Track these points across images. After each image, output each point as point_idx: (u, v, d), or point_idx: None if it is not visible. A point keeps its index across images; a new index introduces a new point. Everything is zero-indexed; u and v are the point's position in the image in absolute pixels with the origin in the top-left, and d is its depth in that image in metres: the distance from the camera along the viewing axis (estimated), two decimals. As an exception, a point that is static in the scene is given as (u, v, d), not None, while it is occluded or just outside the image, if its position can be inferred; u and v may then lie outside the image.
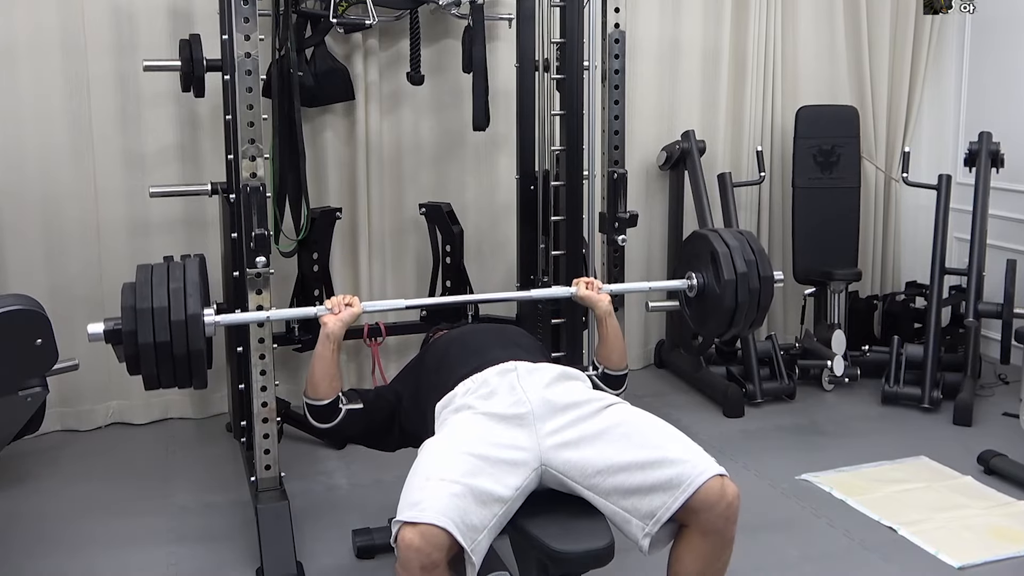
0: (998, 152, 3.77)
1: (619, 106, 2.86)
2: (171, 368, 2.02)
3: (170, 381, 2.05)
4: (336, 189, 3.60)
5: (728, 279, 2.35)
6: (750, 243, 2.43)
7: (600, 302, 2.38)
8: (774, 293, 2.43)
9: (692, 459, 1.84)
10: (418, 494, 1.75)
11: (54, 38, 3.22)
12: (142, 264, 2.12)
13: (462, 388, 2.05)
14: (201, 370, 2.07)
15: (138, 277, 2.06)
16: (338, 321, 2.20)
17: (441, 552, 1.69)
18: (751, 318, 2.42)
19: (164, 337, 1.99)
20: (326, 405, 2.20)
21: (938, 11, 4.25)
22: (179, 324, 2.00)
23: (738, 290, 2.35)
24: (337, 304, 2.23)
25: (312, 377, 2.20)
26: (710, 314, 2.44)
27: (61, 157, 3.29)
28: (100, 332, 2.03)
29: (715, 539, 1.84)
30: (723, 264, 2.36)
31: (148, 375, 2.02)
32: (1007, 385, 3.94)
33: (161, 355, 1.99)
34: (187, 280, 2.05)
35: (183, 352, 2.01)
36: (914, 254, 4.51)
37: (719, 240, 2.41)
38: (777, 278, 2.42)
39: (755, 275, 2.37)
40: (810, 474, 3.08)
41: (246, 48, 2.44)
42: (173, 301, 2.01)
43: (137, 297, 2.01)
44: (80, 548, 2.63)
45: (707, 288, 2.44)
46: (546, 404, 1.95)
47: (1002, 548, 2.60)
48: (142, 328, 1.98)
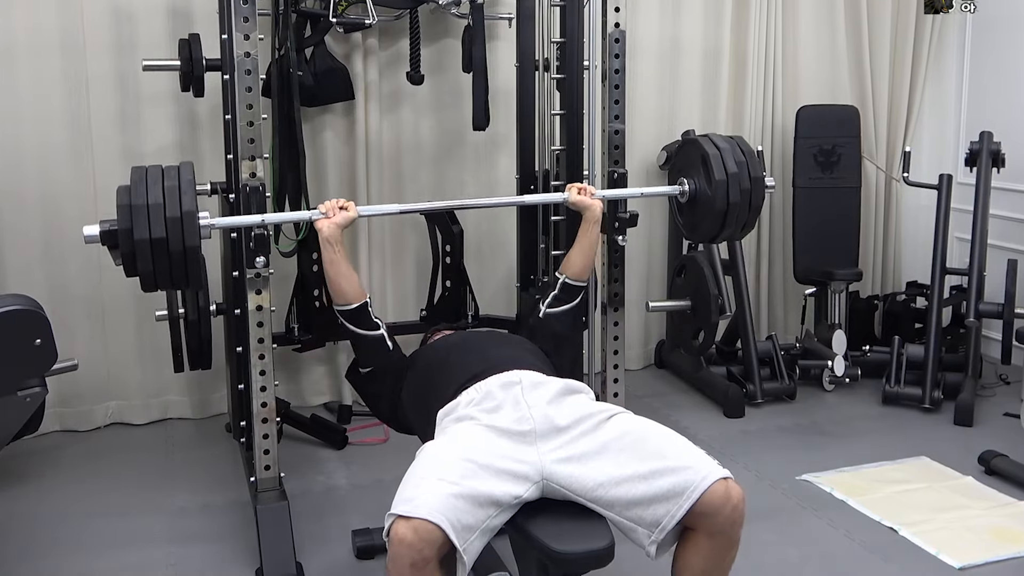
0: (999, 152, 3.77)
1: (619, 106, 2.85)
2: (167, 265, 2.03)
3: (166, 280, 2.06)
4: (336, 189, 3.59)
5: (719, 180, 2.40)
6: (740, 146, 2.48)
7: (593, 206, 2.45)
8: (765, 195, 2.48)
9: (695, 465, 1.83)
10: (413, 491, 1.75)
11: (53, 38, 3.22)
12: (136, 166, 2.12)
13: (465, 398, 2.04)
14: (196, 269, 2.08)
15: (132, 177, 2.07)
16: (332, 224, 2.25)
17: (433, 549, 1.68)
18: (743, 219, 2.47)
19: (160, 233, 2.00)
20: (357, 308, 2.25)
21: (939, 10, 4.24)
22: (174, 220, 2.01)
23: (729, 190, 2.41)
24: (331, 208, 2.28)
25: (331, 283, 2.26)
26: (702, 218, 2.49)
27: (60, 157, 3.29)
28: (96, 233, 2.05)
29: (721, 541, 1.84)
30: (714, 166, 2.41)
31: (144, 273, 2.03)
32: (1008, 385, 3.93)
33: (157, 252, 2.00)
34: (182, 179, 2.07)
35: (179, 248, 2.02)
36: (915, 254, 4.51)
37: (709, 143, 2.47)
38: (768, 183, 2.48)
39: (746, 175, 2.43)
40: (811, 474, 3.08)
41: (245, 47, 2.44)
42: (168, 198, 2.03)
43: (132, 195, 2.02)
44: (79, 548, 2.63)
45: (699, 192, 2.50)
46: (549, 422, 1.94)
47: (1003, 549, 2.60)
48: (138, 225, 1.99)
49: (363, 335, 2.28)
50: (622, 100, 2.86)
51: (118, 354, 3.46)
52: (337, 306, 2.27)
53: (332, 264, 2.25)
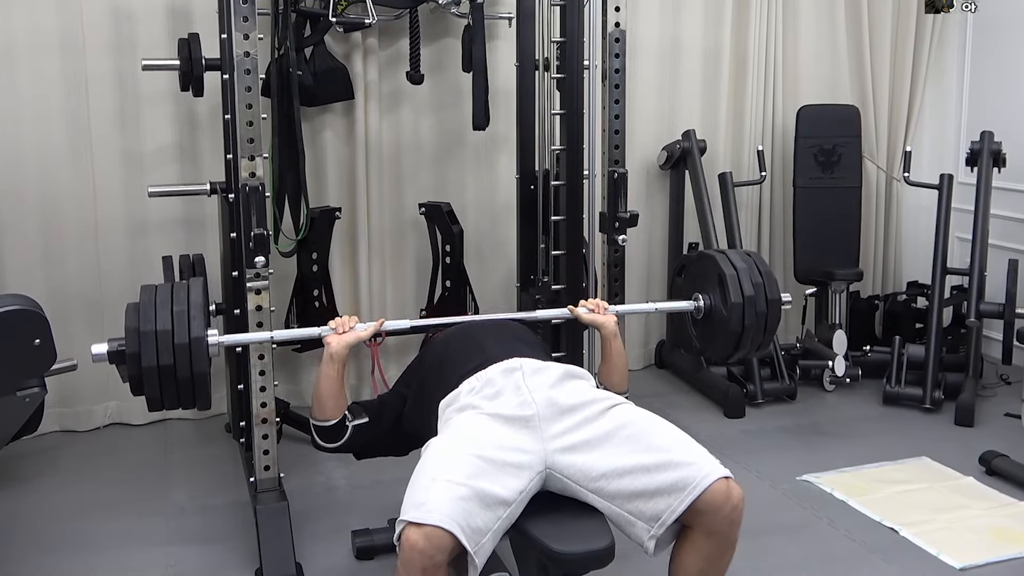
0: (1000, 152, 3.76)
1: (619, 105, 2.85)
2: (174, 390, 2.02)
3: (173, 403, 2.05)
4: (335, 189, 3.59)
5: (735, 302, 2.33)
6: (757, 265, 2.41)
7: (607, 323, 2.35)
8: (781, 316, 2.41)
9: (698, 461, 1.83)
10: (423, 495, 1.74)
11: (52, 37, 3.22)
12: (146, 284, 2.11)
13: (466, 387, 2.03)
14: (204, 392, 2.06)
15: (142, 298, 2.05)
16: (343, 342, 2.18)
17: (444, 554, 1.68)
18: (758, 341, 2.40)
19: (168, 360, 1.98)
20: (333, 425, 2.18)
21: (940, 10, 4.24)
22: (183, 347, 1.99)
23: (745, 313, 2.33)
24: (341, 324, 2.22)
25: (318, 398, 2.18)
26: (717, 336, 2.43)
27: (59, 157, 3.28)
28: (104, 353, 2.03)
29: (719, 540, 1.84)
30: (730, 287, 2.34)
31: (151, 397, 2.02)
32: (1009, 385, 3.92)
33: (164, 378, 1.99)
34: (191, 302, 2.04)
35: (186, 375, 2.00)
36: (915, 254, 4.51)
37: (726, 262, 2.39)
38: (784, 300, 2.41)
39: (762, 298, 2.35)
40: (811, 475, 3.07)
41: (245, 47, 2.44)
42: (177, 324, 2.00)
43: (141, 319, 2.00)
44: (78, 549, 2.62)
45: (714, 310, 2.43)
46: (552, 405, 1.94)
47: (1004, 549, 2.60)
48: (145, 351, 1.98)
49: (333, 448, 2.21)
50: (622, 100, 2.86)
51: (118, 354, 3.45)
52: (314, 419, 2.20)
53: (328, 380, 2.16)
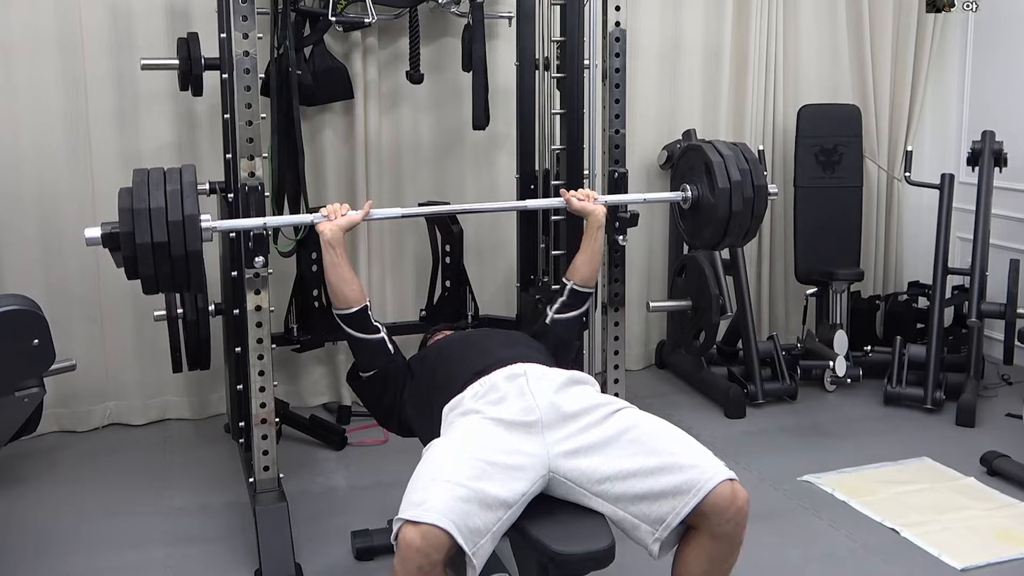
0: (1001, 151, 3.75)
1: (620, 105, 2.84)
2: (169, 269, 2.03)
3: (168, 283, 2.06)
4: (335, 188, 3.58)
5: (722, 187, 2.40)
6: (744, 153, 2.48)
7: (596, 212, 2.44)
8: (767, 203, 2.48)
9: (702, 464, 1.82)
10: (422, 494, 1.74)
11: (51, 37, 3.21)
12: (138, 168, 2.12)
13: (470, 392, 2.03)
14: (198, 272, 2.08)
15: (134, 180, 2.07)
16: (334, 226, 2.24)
17: (441, 553, 1.68)
18: (745, 227, 2.47)
19: (162, 237, 2.00)
20: (357, 312, 2.22)
21: (941, 9, 4.23)
22: (176, 224, 2.01)
23: (732, 198, 2.41)
24: (333, 211, 2.27)
25: (332, 287, 2.23)
26: (704, 224, 2.49)
27: (58, 156, 3.28)
28: (97, 236, 2.05)
29: (725, 542, 1.83)
30: (717, 173, 2.41)
31: (146, 276, 2.03)
32: (1010, 386, 3.92)
33: (159, 255, 2.00)
34: (183, 182, 2.07)
35: (180, 252, 2.02)
36: (916, 254, 4.50)
37: (713, 150, 2.46)
38: (771, 190, 2.48)
39: (749, 184, 2.43)
40: (812, 475, 3.06)
41: (244, 46, 2.43)
42: (170, 202, 2.03)
43: (134, 199, 2.02)
44: (77, 550, 2.62)
45: (702, 199, 2.50)
46: (555, 411, 1.93)
47: (1005, 550, 2.59)
48: (139, 228, 1.99)
49: (363, 339, 2.24)
50: (623, 99, 2.85)
51: (116, 354, 3.45)
52: (337, 310, 2.24)
53: (333, 267, 2.22)
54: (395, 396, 2.27)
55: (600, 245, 2.45)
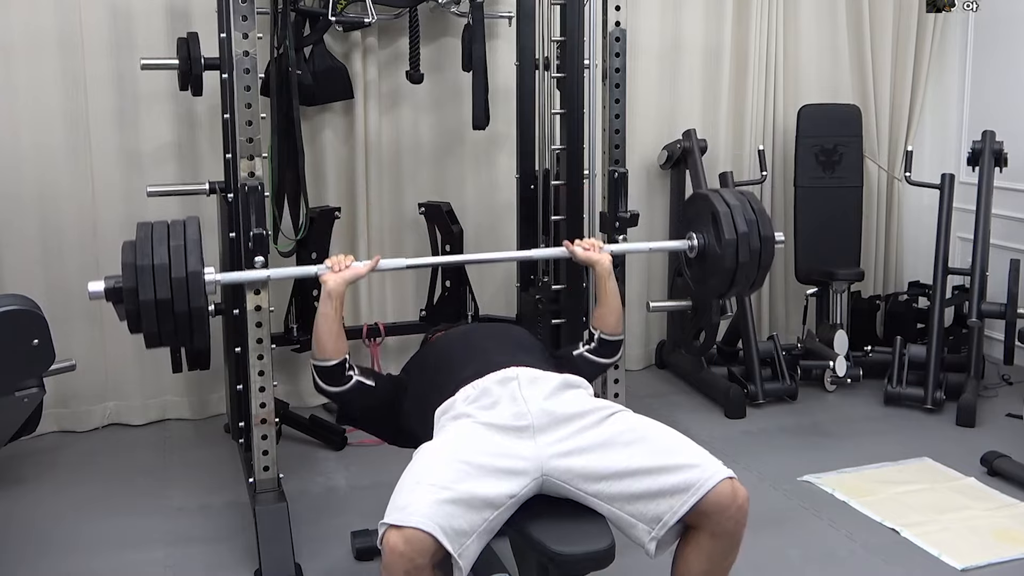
0: (1001, 151, 3.75)
1: (620, 105, 2.84)
2: (172, 325, 2.02)
3: (171, 339, 2.05)
4: (335, 188, 3.58)
5: (729, 239, 2.36)
6: (751, 203, 2.44)
7: (601, 261, 2.38)
8: (775, 253, 2.45)
9: (702, 463, 1.82)
10: (406, 497, 1.74)
11: (51, 37, 3.21)
12: (142, 222, 2.11)
13: (462, 395, 2.02)
14: (202, 327, 2.07)
15: (138, 234, 2.06)
16: (339, 279, 2.21)
17: (425, 557, 1.67)
18: (752, 278, 2.43)
19: (165, 294, 1.99)
20: (333, 366, 2.18)
21: (941, 9, 4.23)
22: (180, 281, 2.00)
23: (739, 250, 2.37)
24: (338, 263, 2.24)
25: (318, 337, 2.19)
26: (711, 274, 2.45)
27: (58, 156, 3.28)
28: (100, 290, 2.03)
29: (724, 541, 1.83)
30: (724, 224, 2.37)
31: (149, 332, 2.02)
32: (1011, 386, 3.91)
33: (162, 312, 1.99)
34: (187, 238, 2.06)
35: (184, 309, 2.01)
36: (917, 254, 4.50)
37: (720, 200, 2.42)
38: (778, 239, 2.45)
39: (756, 235, 2.39)
40: (812, 475, 3.06)
41: (244, 46, 2.43)
42: (174, 258, 2.02)
43: (138, 254, 2.01)
44: (77, 550, 2.61)
45: (708, 248, 2.46)
46: (548, 415, 1.93)
47: (1005, 550, 2.59)
48: (143, 285, 1.98)
49: (333, 392, 2.20)
50: (623, 99, 2.85)
51: (116, 355, 3.44)
52: (314, 359, 2.19)
53: (326, 319, 2.16)
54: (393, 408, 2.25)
55: (615, 291, 2.37)
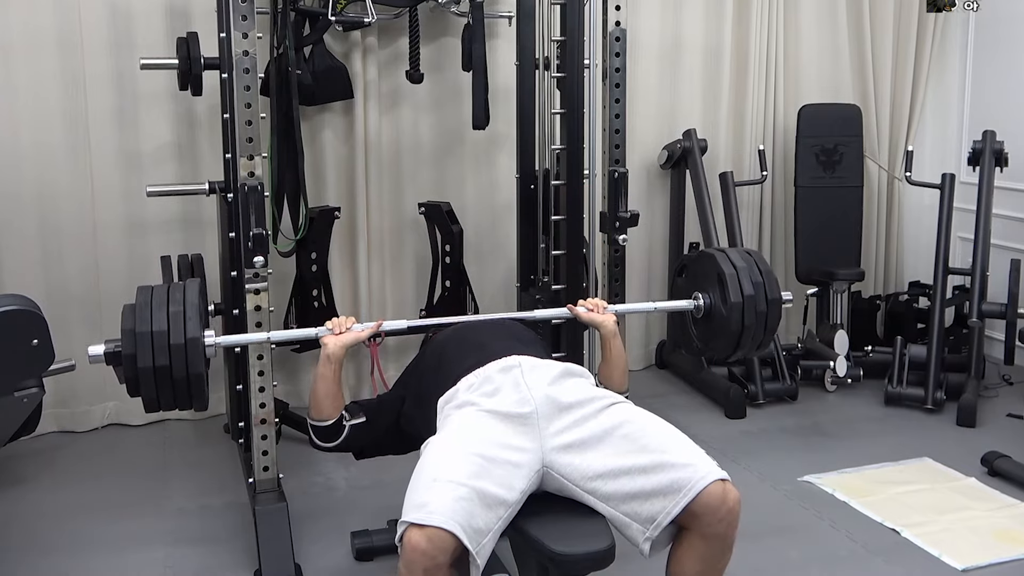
0: (1002, 151, 3.75)
1: (620, 104, 2.84)
2: (171, 391, 2.01)
3: (170, 404, 2.04)
4: (335, 188, 3.58)
5: (735, 302, 2.32)
6: (758, 264, 2.39)
7: (605, 323, 2.33)
8: (781, 316, 2.39)
9: (694, 463, 1.82)
10: (425, 495, 1.73)
11: (50, 36, 3.20)
12: (142, 286, 2.10)
13: (464, 383, 2.02)
14: (201, 392, 2.06)
15: (138, 299, 2.04)
16: (339, 342, 2.18)
17: (446, 555, 1.67)
18: (758, 340, 2.39)
19: (163, 361, 1.97)
20: (330, 425, 2.18)
21: (942, 9, 4.22)
22: (179, 348, 1.98)
23: (744, 313, 2.32)
24: (338, 325, 2.22)
25: (315, 398, 2.17)
26: (717, 335, 2.41)
27: (58, 156, 3.27)
28: (100, 354, 2.03)
29: (716, 543, 1.83)
30: (730, 286, 2.33)
31: (148, 398, 2.01)
32: (1011, 386, 3.91)
33: (160, 379, 1.98)
34: (187, 303, 2.04)
35: (183, 376, 2.00)
36: (917, 254, 4.49)
37: (726, 261, 2.37)
38: (785, 299, 2.39)
39: (763, 298, 2.33)
40: (812, 475, 3.06)
41: (244, 46, 2.43)
42: (172, 325, 2.00)
43: (137, 320, 2.00)
44: (76, 550, 2.61)
45: (714, 309, 2.41)
46: (550, 403, 1.94)
47: (1006, 550, 2.59)
48: (141, 352, 1.97)
49: (330, 447, 2.21)
50: (623, 99, 2.85)
51: (116, 354, 3.44)
52: (311, 420, 2.20)
53: (324, 381, 2.16)
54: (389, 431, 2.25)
55: (620, 351, 2.34)
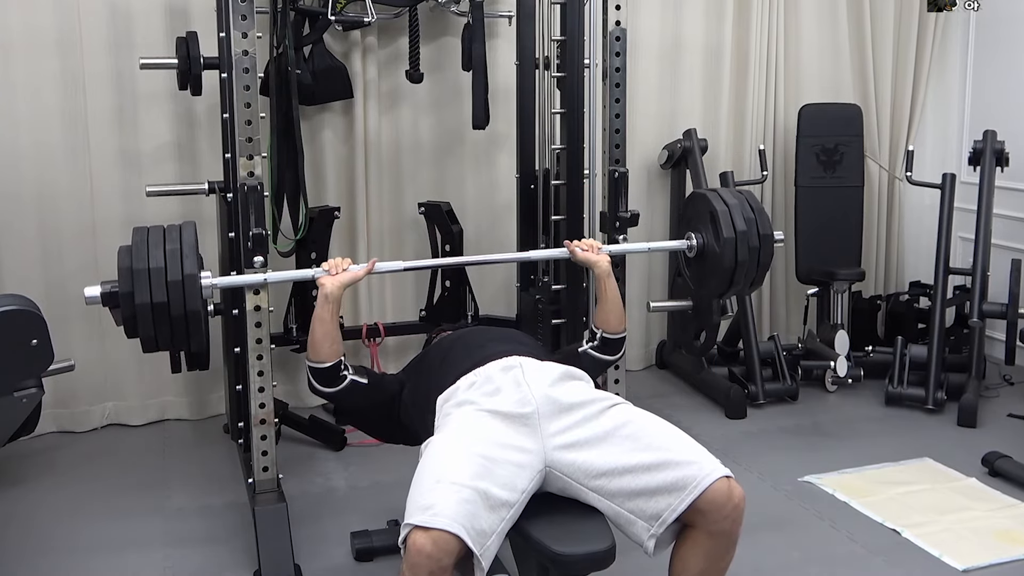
0: (1003, 151, 3.74)
1: (620, 104, 2.83)
2: (168, 329, 2.02)
3: (167, 343, 2.05)
4: (334, 188, 3.57)
5: (728, 237, 2.37)
6: (749, 202, 2.45)
7: (600, 262, 2.38)
8: (774, 252, 2.45)
9: (699, 460, 1.83)
10: (429, 497, 1.72)
11: (49, 36, 3.20)
12: (137, 227, 2.11)
13: (465, 382, 2.02)
14: (199, 331, 2.06)
15: (134, 239, 2.06)
16: (336, 282, 2.21)
17: (451, 558, 1.67)
18: (751, 277, 2.44)
19: (161, 298, 1.99)
20: (328, 368, 2.18)
21: (942, 8, 4.22)
22: (176, 284, 2.00)
23: (738, 248, 2.38)
24: (335, 266, 2.24)
25: (313, 340, 2.19)
26: (710, 273, 2.46)
27: (57, 156, 3.27)
28: (97, 295, 2.03)
29: (721, 540, 1.83)
30: (722, 223, 2.38)
31: (146, 337, 2.02)
32: (1012, 386, 3.90)
33: (158, 316, 1.99)
34: (183, 242, 2.06)
35: (180, 313, 2.01)
36: (918, 254, 4.49)
37: (718, 199, 2.44)
38: (777, 237, 2.45)
39: (755, 233, 2.40)
40: (813, 476, 3.06)
41: (244, 46, 2.43)
42: (170, 262, 2.02)
43: (134, 258, 2.01)
44: (76, 551, 2.61)
45: (707, 248, 2.47)
46: (551, 403, 1.93)
47: (1006, 550, 2.58)
48: (139, 289, 1.98)
49: (327, 393, 2.21)
50: (623, 99, 2.84)
51: (115, 355, 3.43)
52: (309, 361, 2.20)
53: (321, 322, 2.17)
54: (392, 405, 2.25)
55: (615, 291, 2.36)
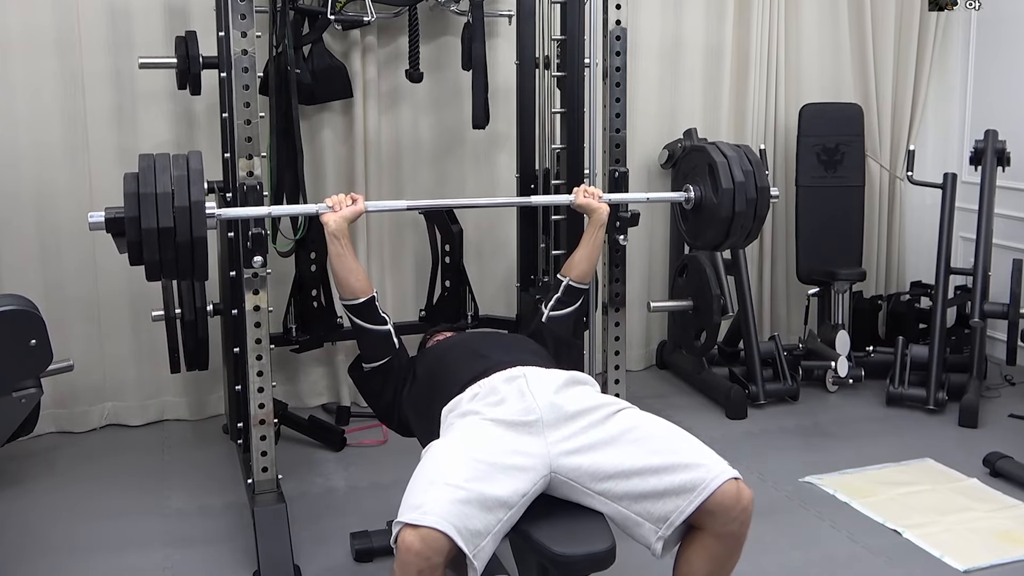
0: (1004, 150, 3.74)
1: (620, 104, 2.82)
2: (173, 255, 2.01)
3: (172, 270, 2.04)
4: (334, 188, 3.56)
5: (726, 188, 2.43)
6: (747, 155, 2.51)
7: (600, 210, 2.46)
8: (770, 205, 2.51)
9: (707, 463, 1.82)
10: (421, 497, 1.73)
11: (48, 35, 3.20)
12: (143, 154, 2.10)
13: (469, 393, 2.02)
14: (203, 260, 2.06)
15: (141, 165, 2.05)
16: (339, 218, 2.23)
17: (441, 556, 1.67)
18: (747, 228, 2.50)
19: (168, 223, 1.98)
20: (363, 303, 2.21)
21: (943, 7, 4.21)
22: (183, 211, 2.00)
23: (735, 199, 2.43)
24: (338, 202, 2.26)
25: (337, 277, 2.22)
26: (707, 225, 2.52)
27: (56, 155, 3.27)
28: (101, 220, 2.03)
29: (729, 542, 1.83)
30: (721, 174, 2.43)
31: (150, 262, 2.01)
32: (1013, 386, 3.90)
33: (164, 241, 1.99)
34: (191, 169, 2.06)
35: (186, 239, 2.01)
36: (919, 254, 4.49)
37: (717, 151, 2.49)
38: (773, 193, 2.52)
39: (752, 185, 2.46)
40: (814, 476, 3.05)
41: (243, 45, 2.42)
42: (177, 188, 2.01)
43: (140, 183, 2.00)
44: (75, 551, 2.60)
45: (704, 199, 2.53)
46: (556, 411, 1.93)
47: (1007, 551, 2.58)
48: (145, 214, 1.98)
49: (370, 330, 2.24)
50: (623, 98, 2.84)
51: (114, 355, 3.44)
52: (344, 300, 2.24)
53: (339, 258, 2.21)
54: (395, 393, 2.27)
55: (600, 243, 2.46)
